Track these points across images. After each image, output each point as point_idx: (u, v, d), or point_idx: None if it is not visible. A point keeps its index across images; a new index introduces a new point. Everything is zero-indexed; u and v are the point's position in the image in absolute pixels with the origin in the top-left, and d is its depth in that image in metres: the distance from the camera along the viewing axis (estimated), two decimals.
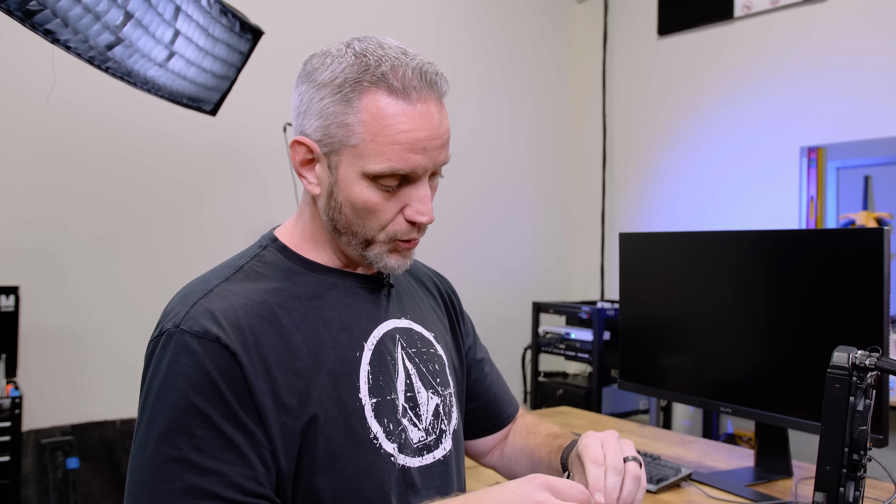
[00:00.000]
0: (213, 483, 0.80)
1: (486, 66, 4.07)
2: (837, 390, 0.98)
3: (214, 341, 0.84)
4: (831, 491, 0.96)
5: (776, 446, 1.76)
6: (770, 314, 1.71)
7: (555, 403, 3.49)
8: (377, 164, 0.89)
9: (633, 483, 0.93)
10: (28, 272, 2.69)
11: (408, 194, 0.93)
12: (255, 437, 0.84)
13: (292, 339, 0.90)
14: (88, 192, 2.82)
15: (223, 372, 0.83)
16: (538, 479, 0.80)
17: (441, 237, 3.87)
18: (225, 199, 3.11)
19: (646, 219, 4.03)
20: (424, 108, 0.90)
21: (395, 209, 0.93)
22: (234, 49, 2.17)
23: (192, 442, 0.81)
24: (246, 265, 0.97)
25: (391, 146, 0.88)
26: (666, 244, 1.99)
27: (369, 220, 0.93)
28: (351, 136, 0.89)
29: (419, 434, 0.99)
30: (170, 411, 0.82)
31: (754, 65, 3.52)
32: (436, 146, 0.91)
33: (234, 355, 0.84)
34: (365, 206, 0.91)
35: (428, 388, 1.03)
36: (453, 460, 1.04)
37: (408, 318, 1.07)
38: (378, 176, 0.90)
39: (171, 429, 0.81)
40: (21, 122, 2.68)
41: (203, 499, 0.80)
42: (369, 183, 0.90)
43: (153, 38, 1.80)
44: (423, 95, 0.90)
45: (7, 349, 2.58)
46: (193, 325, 0.85)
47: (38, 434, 2.72)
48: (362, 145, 0.89)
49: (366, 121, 0.88)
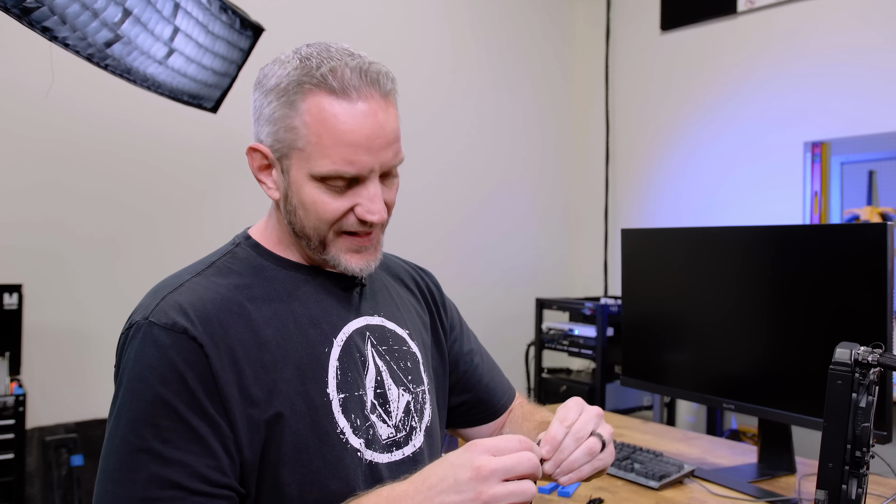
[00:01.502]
0: (177, 473, 0.82)
1: (489, 63, 4.06)
2: (840, 387, 0.97)
3: (182, 333, 0.86)
4: (833, 488, 0.95)
5: (779, 443, 1.75)
6: (773, 310, 1.70)
7: (558, 400, 3.49)
8: (322, 166, 0.90)
9: (584, 454, 0.91)
10: (31, 270, 2.69)
11: (357, 193, 0.93)
12: (220, 429, 0.85)
13: (261, 333, 0.92)
14: (90, 191, 2.82)
15: (189, 363, 0.85)
16: (476, 445, 0.81)
17: (444, 234, 3.86)
18: (226, 196, 3.11)
19: (649, 215, 4.02)
20: (365, 107, 0.90)
21: (345, 208, 0.93)
22: (234, 46, 2.17)
23: (158, 433, 0.82)
24: (218, 261, 0.99)
25: (335, 147, 0.89)
26: (668, 240, 1.99)
27: (320, 221, 0.93)
28: (297, 140, 0.91)
29: (388, 430, 0.99)
30: (137, 402, 0.84)
31: (758, 60, 3.50)
32: (380, 145, 0.91)
33: (201, 346, 0.86)
34: (315, 206, 0.92)
35: (399, 384, 1.03)
36: (425, 457, 1.04)
37: (381, 315, 1.07)
38: (325, 177, 0.91)
39: (137, 419, 0.83)
40: (20, 120, 2.68)
41: (166, 489, 0.81)
42: (317, 184, 0.92)
43: (152, 34, 1.80)
44: (364, 94, 0.90)
45: (11, 347, 2.58)
46: (162, 317, 0.87)
47: (42, 431, 2.72)
48: (308, 148, 0.90)
49: (309, 123, 0.89)
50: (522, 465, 0.79)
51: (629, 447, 1.79)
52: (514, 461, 0.79)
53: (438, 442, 1.12)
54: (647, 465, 1.67)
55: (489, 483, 0.77)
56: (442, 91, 3.85)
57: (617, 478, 1.68)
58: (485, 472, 0.77)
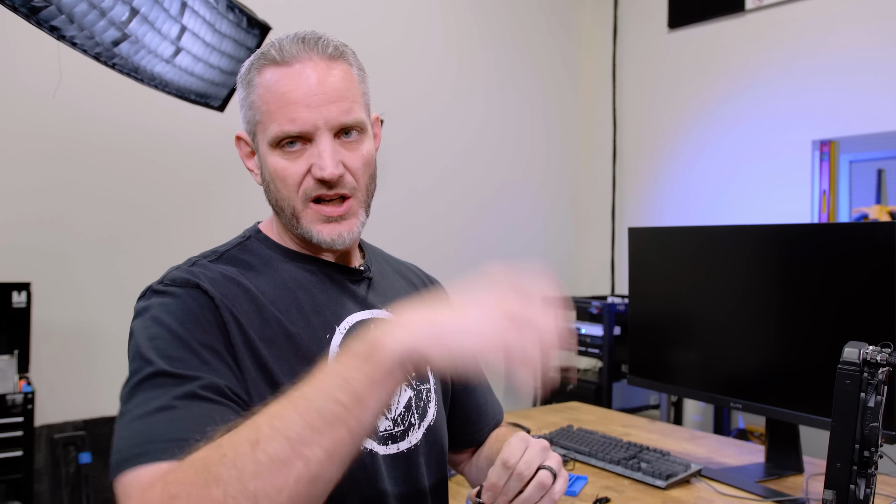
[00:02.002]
0: (191, 386, 0.80)
1: (495, 61, 4.06)
2: (848, 386, 0.97)
3: (195, 287, 0.89)
4: (841, 488, 0.95)
5: (787, 442, 1.74)
6: (780, 309, 1.69)
7: (565, 399, 3.48)
8: (271, 130, 0.95)
9: (536, 490, 0.90)
10: (39, 269, 2.70)
11: (310, 154, 0.96)
12: (230, 366, 0.87)
13: (265, 311, 0.93)
14: (97, 190, 2.83)
15: (202, 307, 0.88)
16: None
17: (450, 232, 3.86)
18: (233, 194, 3.12)
19: (657, 213, 4.01)
20: (301, 67, 0.95)
21: (302, 171, 0.96)
22: (241, 45, 2.17)
23: (171, 363, 0.82)
24: (227, 252, 1.01)
25: (278, 109, 0.94)
26: (675, 239, 1.98)
27: (283, 189, 0.97)
28: (257, 114, 0.97)
29: (386, 423, 1.00)
30: (151, 341, 0.84)
31: (765, 58, 3.49)
32: (319, 101, 0.94)
33: (211, 299, 0.89)
34: (276, 173, 0.97)
35: None
36: (420, 456, 1.03)
37: (388, 309, 1.08)
38: (277, 142, 0.95)
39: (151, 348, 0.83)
40: (28, 119, 2.69)
41: (181, 398, 0.79)
42: (275, 151, 0.96)
43: (159, 34, 1.81)
44: (302, 57, 0.95)
45: (19, 345, 2.59)
46: (175, 278, 0.92)
47: (50, 429, 2.74)
48: (264, 118, 0.96)
49: (261, 94, 0.96)
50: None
51: (636, 446, 1.79)
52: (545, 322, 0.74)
53: (443, 443, 1.10)
54: (653, 464, 1.67)
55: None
56: (447, 89, 3.85)
57: (623, 477, 1.67)
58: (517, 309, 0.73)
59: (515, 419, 2.16)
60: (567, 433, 1.92)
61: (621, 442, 1.82)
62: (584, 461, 1.77)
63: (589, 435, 1.90)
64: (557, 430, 1.97)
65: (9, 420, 2.37)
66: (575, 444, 1.83)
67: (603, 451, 1.76)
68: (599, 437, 1.87)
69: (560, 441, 1.86)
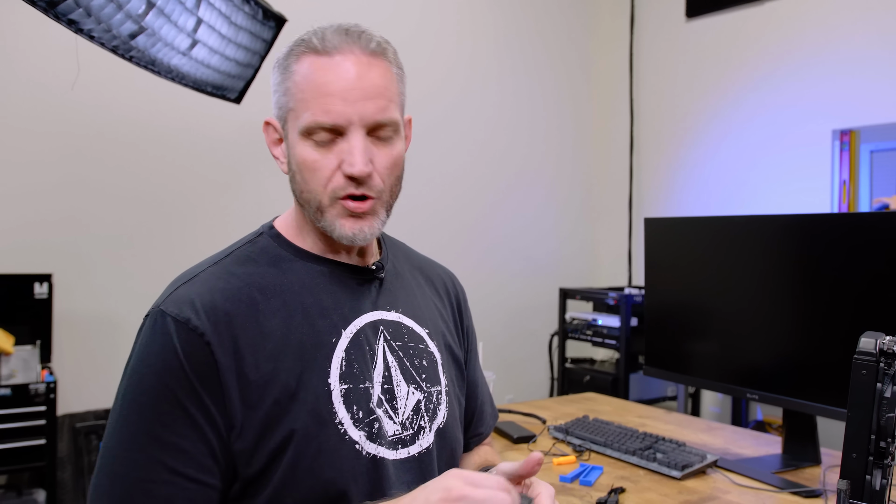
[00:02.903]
0: (174, 459, 0.86)
1: (509, 53, 4.04)
2: (864, 376, 0.96)
3: (184, 323, 0.89)
4: (857, 478, 0.94)
5: (804, 433, 1.73)
6: (798, 299, 1.68)
7: (581, 390, 3.48)
8: (305, 119, 0.93)
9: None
10: (61, 262, 2.74)
11: (340, 149, 0.94)
12: (215, 419, 0.88)
13: (266, 324, 0.93)
14: (116, 185, 2.86)
15: (188, 353, 0.88)
16: (451, 472, 0.82)
17: (466, 224, 3.86)
18: (249, 189, 3.14)
19: (674, 204, 3.98)
20: (342, 59, 0.94)
21: (332, 165, 0.95)
22: (257, 37, 2.18)
23: (159, 417, 0.87)
24: (237, 250, 1.01)
25: (314, 99, 0.93)
26: (692, 229, 1.97)
27: (311, 181, 0.96)
28: (290, 101, 0.96)
29: (395, 427, 0.99)
30: (141, 386, 0.88)
31: (784, 47, 3.45)
32: (357, 97, 0.93)
33: (201, 336, 0.89)
34: (305, 164, 0.95)
35: (410, 382, 1.02)
36: (433, 458, 1.03)
37: (399, 311, 1.07)
38: (309, 131, 0.94)
39: (141, 402, 0.88)
40: (48, 114, 2.72)
41: (163, 472, 0.86)
42: (305, 140, 0.95)
43: (176, 26, 1.82)
44: (344, 49, 0.94)
45: (42, 335, 2.63)
46: (171, 306, 0.91)
47: (72, 418, 2.78)
48: (297, 106, 0.94)
49: (298, 82, 0.94)
50: (493, 501, 0.79)
51: (651, 437, 1.79)
52: (486, 495, 0.79)
53: (456, 445, 1.10)
54: (669, 454, 1.66)
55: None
56: (461, 81, 3.84)
57: (639, 467, 1.67)
58: (455, 495, 0.78)
59: (532, 409, 2.17)
60: (583, 423, 1.93)
61: (637, 432, 1.82)
62: (599, 451, 1.78)
63: (605, 425, 1.90)
64: (573, 420, 1.97)
65: (32, 409, 2.41)
66: (591, 434, 1.83)
67: (618, 442, 1.76)
68: (615, 428, 1.87)
69: (576, 431, 1.86)
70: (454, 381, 1.13)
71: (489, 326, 3.82)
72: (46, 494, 2.50)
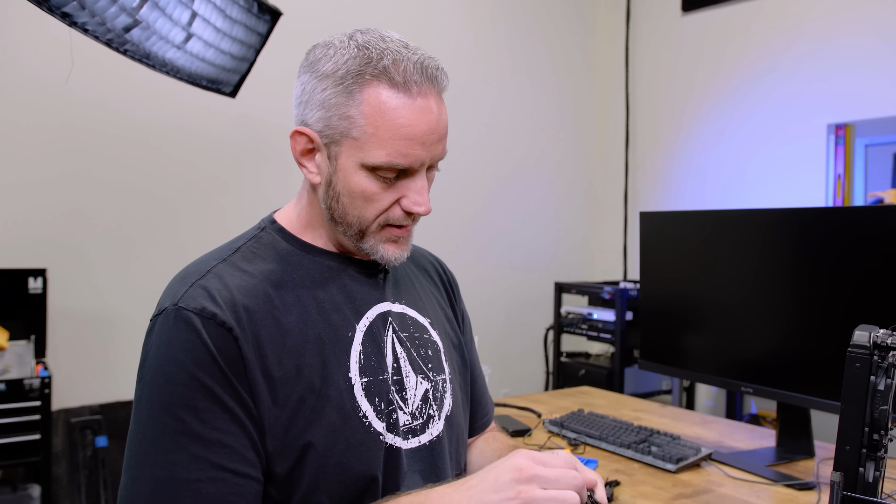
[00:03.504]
0: (218, 454, 0.83)
1: (508, 47, 4.04)
2: (858, 369, 0.97)
3: (211, 318, 0.87)
4: (850, 471, 0.95)
5: (798, 426, 1.74)
6: (793, 293, 1.68)
7: (577, 383, 3.49)
8: (377, 156, 0.90)
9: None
10: (56, 257, 2.73)
11: (405, 186, 0.94)
12: (251, 410, 0.87)
13: (284, 320, 0.92)
14: (110, 178, 2.85)
15: (220, 347, 0.86)
16: (520, 452, 0.82)
17: (464, 218, 3.86)
18: (248, 180, 3.13)
19: (670, 199, 3.99)
20: (424, 103, 0.91)
21: (392, 199, 0.95)
22: (252, 30, 2.17)
23: (196, 414, 0.84)
24: (243, 246, 0.99)
25: (391, 140, 0.90)
26: (687, 223, 1.97)
27: (365, 210, 0.94)
28: (352, 129, 0.91)
29: (405, 417, 0.99)
30: (171, 385, 0.85)
31: (780, 41, 3.45)
32: (434, 140, 0.93)
33: (230, 331, 0.87)
34: (363, 195, 0.93)
35: (418, 372, 1.03)
36: (444, 446, 1.04)
37: (403, 303, 1.07)
38: (377, 168, 0.91)
39: (173, 402, 0.84)
40: (42, 107, 2.71)
41: (208, 469, 0.83)
42: (368, 174, 0.92)
43: (170, 19, 1.81)
44: (424, 90, 0.91)
45: (36, 330, 2.63)
46: (191, 302, 0.88)
47: (67, 413, 2.77)
48: (363, 137, 0.90)
49: (367, 113, 0.90)
50: (565, 480, 0.79)
51: (646, 430, 1.79)
52: (557, 474, 0.79)
53: (461, 432, 1.11)
54: (664, 448, 1.67)
55: (529, 485, 0.77)
56: (460, 76, 3.83)
57: (634, 460, 1.68)
58: (526, 474, 0.78)
59: (527, 403, 2.17)
60: (578, 417, 1.93)
61: (632, 426, 1.83)
62: (594, 445, 1.78)
63: (600, 419, 1.90)
64: (568, 413, 1.97)
65: (26, 404, 2.41)
66: (586, 427, 1.84)
67: (613, 435, 1.77)
68: (610, 421, 1.87)
69: (571, 425, 1.87)
70: (456, 369, 1.14)
71: (485, 321, 3.83)
72: (41, 489, 2.50)
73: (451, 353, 1.14)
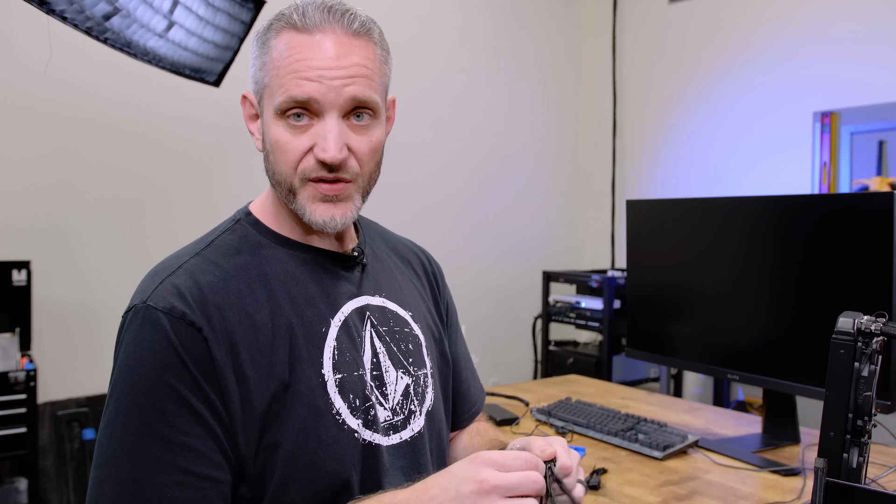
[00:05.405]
0: (184, 458, 0.82)
1: (495, 36, 4.02)
2: (842, 356, 0.97)
3: (180, 318, 0.85)
4: (834, 457, 0.95)
5: (784, 413, 1.75)
6: (779, 280, 1.69)
7: (565, 372, 3.50)
8: (278, 95, 0.90)
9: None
10: (39, 247, 2.71)
11: (315, 132, 0.91)
12: (220, 413, 0.85)
13: (256, 316, 0.91)
14: (94, 165, 2.82)
15: (188, 349, 0.85)
16: (479, 458, 0.79)
17: (451, 207, 3.86)
18: (234, 170, 3.11)
19: (657, 187, 3.99)
20: (322, 37, 0.90)
21: (304, 147, 0.92)
22: (235, 18, 2.15)
23: (163, 417, 0.82)
24: (216, 240, 0.97)
25: (289, 76, 0.90)
26: (674, 211, 1.97)
27: (282, 162, 0.92)
28: (266, 76, 0.92)
29: (385, 413, 0.98)
30: (139, 387, 0.83)
31: (766, 30, 3.45)
32: (334, 76, 0.90)
33: (199, 330, 0.86)
34: (277, 144, 0.92)
35: (398, 367, 1.02)
36: (425, 441, 1.02)
37: (382, 296, 1.05)
38: (283, 110, 0.91)
39: (141, 404, 0.83)
40: (21, 93, 2.67)
41: (174, 473, 0.82)
42: (280, 121, 0.92)
43: (151, 7, 1.78)
44: (325, 28, 0.91)
45: (21, 323, 2.61)
46: (160, 301, 0.87)
47: (53, 406, 2.76)
48: (273, 83, 0.91)
49: (275, 58, 0.91)
50: (526, 485, 0.77)
51: (633, 418, 1.80)
52: (519, 479, 0.77)
53: (443, 427, 1.10)
54: (651, 435, 1.68)
55: (490, 497, 0.76)
56: (446, 63, 3.82)
57: (621, 448, 1.69)
58: (487, 487, 0.76)
59: (515, 392, 2.17)
60: (565, 405, 1.93)
61: (619, 414, 1.83)
62: (581, 433, 1.79)
63: (587, 407, 1.91)
64: (556, 402, 1.98)
65: (12, 397, 2.39)
66: (573, 416, 1.84)
67: (601, 423, 1.77)
68: (598, 409, 1.88)
69: (558, 413, 1.87)
70: (437, 363, 1.12)
71: (473, 310, 3.83)
72: (28, 483, 2.48)
73: (433, 347, 1.12)
